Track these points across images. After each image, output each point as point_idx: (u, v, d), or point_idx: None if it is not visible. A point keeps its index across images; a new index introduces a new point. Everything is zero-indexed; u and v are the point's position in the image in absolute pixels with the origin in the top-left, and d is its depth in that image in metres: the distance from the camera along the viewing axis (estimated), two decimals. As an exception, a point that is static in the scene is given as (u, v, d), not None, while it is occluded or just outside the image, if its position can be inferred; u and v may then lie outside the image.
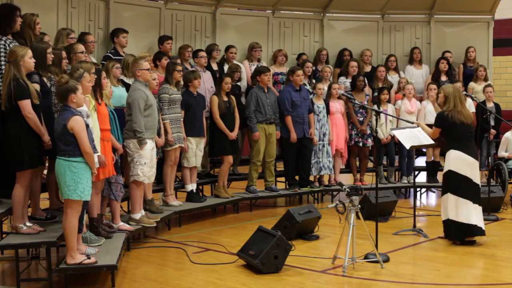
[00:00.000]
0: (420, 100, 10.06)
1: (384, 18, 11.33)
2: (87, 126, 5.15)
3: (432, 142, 7.35)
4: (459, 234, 6.69)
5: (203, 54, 8.88)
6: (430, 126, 9.43)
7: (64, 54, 6.24)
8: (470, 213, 6.61)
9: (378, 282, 5.51)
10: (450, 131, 6.72)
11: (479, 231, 6.66)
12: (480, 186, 6.78)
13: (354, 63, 10.05)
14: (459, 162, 6.63)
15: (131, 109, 6.68)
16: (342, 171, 9.92)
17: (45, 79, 5.85)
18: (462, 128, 6.68)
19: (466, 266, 6.04)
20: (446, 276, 5.69)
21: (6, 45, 5.86)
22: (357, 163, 9.99)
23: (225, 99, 8.40)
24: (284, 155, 9.33)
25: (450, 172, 6.68)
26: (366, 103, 9.50)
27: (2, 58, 5.80)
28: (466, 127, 6.71)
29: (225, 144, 8.39)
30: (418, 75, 10.76)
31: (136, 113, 6.64)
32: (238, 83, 9.14)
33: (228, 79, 8.42)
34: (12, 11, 6.09)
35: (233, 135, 8.44)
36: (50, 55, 5.86)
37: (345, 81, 10.01)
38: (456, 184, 6.63)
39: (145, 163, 6.73)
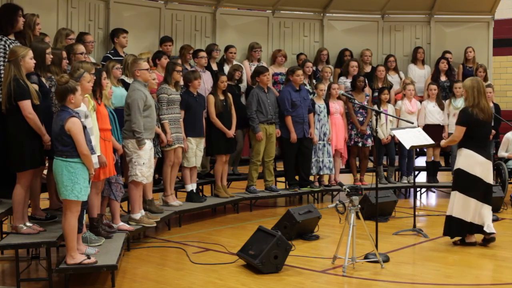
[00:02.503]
0: (421, 100, 10.05)
1: (384, 18, 11.33)
2: (85, 127, 5.14)
3: (432, 142, 7.35)
4: (462, 232, 6.63)
5: (203, 54, 8.88)
6: (432, 125, 9.56)
7: (64, 54, 6.24)
8: (476, 212, 6.52)
9: (378, 282, 5.51)
10: (469, 129, 6.54)
11: (483, 231, 6.59)
12: (492, 186, 6.66)
13: (354, 63, 10.05)
14: (470, 161, 6.52)
15: (130, 109, 6.68)
16: (342, 171, 9.92)
17: (44, 80, 5.85)
18: (481, 127, 6.53)
19: (466, 266, 6.04)
20: (446, 276, 5.70)
21: (6, 45, 5.86)
22: (357, 163, 9.99)
23: (222, 97, 8.40)
24: (284, 155, 9.33)
25: (459, 170, 6.60)
26: (366, 103, 9.50)
27: (2, 59, 5.79)
28: (486, 125, 6.58)
29: (220, 143, 8.39)
30: (420, 74, 10.75)
31: (135, 113, 6.64)
32: (239, 84, 9.13)
33: (224, 78, 8.42)
34: (14, 11, 6.09)
35: (231, 133, 8.44)
36: (49, 55, 5.85)
37: (345, 81, 10.01)
38: (465, 183, 6.54)
39: (143, 163, 6.73)
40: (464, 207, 6.57)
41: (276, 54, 9.95)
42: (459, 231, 6.66)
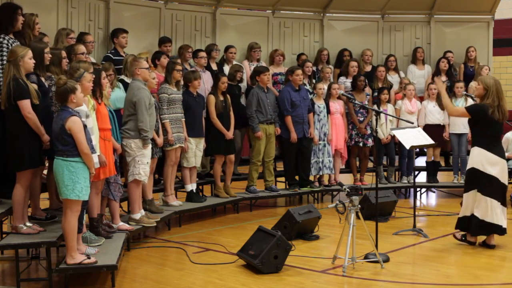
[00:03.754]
0: (421, 100, 10.05)
1: (384, 18, 11.33)
2: (85, 126, 5.14)
3: (432, 142, 7.35)
4: (482, 231, 6.53)
5: (203, 54, 8.88)
6: (432, 125, 9.55)
7: (64, 54, 6.24)
8: (494, 212, 6.43)
9: (378, 282, 5.51)
10: (483, 127, 6.47)
11: (500, 230, 6.50)
12: (506, 186, 6.54)
13: (354, 63, 10.05)
14: (483, 159, 6.43)
15: (136, 108, 6.65)
16: (342, 171, 9.91)
17: (43, 79, 5.85)
18: (495, 127, 6.46)
19: (466, 266, 6.04)
20: (446, 276, 5.70)
21: (9, 44, 5.86)
22: (357, 163, 9.99)
23: (221, 98, 8.39)
24: (284, 155, 9.32)
25: (473, 169, 6.51)
26: (366, 103, 9.49)
27: (5, 58, 5.79)
28: (500, 125, 6.50)
29: (219, 143, 8.39)
30: (420, 75, 10.75)
31: (142, 112, 6.63)
32: (240, 84, 9.13)
33: (224, 79, 8.42)
34: (13, 10, 6.09)
35: (230, 134, 8.44)
36: (48, 55, 5.85)
37: (345, 81, 10.00)
38: (480, 182, 6.45)
39: (147, 162, 6.73)
40: (482, 206, 6.44)
41: (273, 54, 9.94)
42: (479, 230, 6.53)
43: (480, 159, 6.47)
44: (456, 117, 6.71)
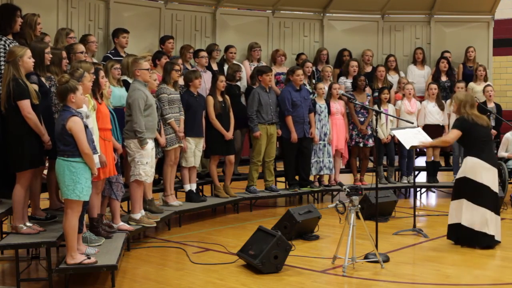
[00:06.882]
0: (421, 100, 10.05)
1: (384, 18, 11.33)
2: (86, 126, 5.15)
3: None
4: (472, 242, 6.56)
5: (204, 54, 8.88)
6: (432, 125, 9.55)
7: (64, 54, 6.24)
8: (486, 221, 6.46)
9: (378, 282, 5.51)
10: (468, 135, 6.56)
11: (494, 241, 6.53)
12: (497, 194, 6.61)
13: (354, 63, 10.05)
14: (476, 168, 6.48)
15: (131, 109, 6.68)
16: (342, 171, 9.91)
17: (43, 79, 5.84)
18: (480, 131, 6.54)
19: (466, 266, 6.04)
20: (446, 276, 5.70)
21: (6, 45, 5.86)
22: (357, 163, 9.99)
23: (220, 99, 8.38)
24: (284, 155, 9.32)
25: (465, 179, 6.54)
26: (367, 103, 9.49)
27: (2, 59, 5.79)
28: (485, 129, 6.58)
29: (219, 144, 8.38)
30: (419, 75, 10.75)
31: (136, 113, 6.64)
32: (238, 83, 9.13)
33: (222, 77, 8.41)
34: (12, 11, 6.09)
35: (230, 135, 8.43)
36: (48, 55, 5.85)
37: (345, 81, 10.01)
38: (473, 191, 6.49)
39: (147, 162, 6.74)
40: (474, 215, 6.48)
41: (274, 54, 9.95)
42: (470, 240, 6.56)
43: (473, 168, 6.51)
44: (454, 140, 6.84)
